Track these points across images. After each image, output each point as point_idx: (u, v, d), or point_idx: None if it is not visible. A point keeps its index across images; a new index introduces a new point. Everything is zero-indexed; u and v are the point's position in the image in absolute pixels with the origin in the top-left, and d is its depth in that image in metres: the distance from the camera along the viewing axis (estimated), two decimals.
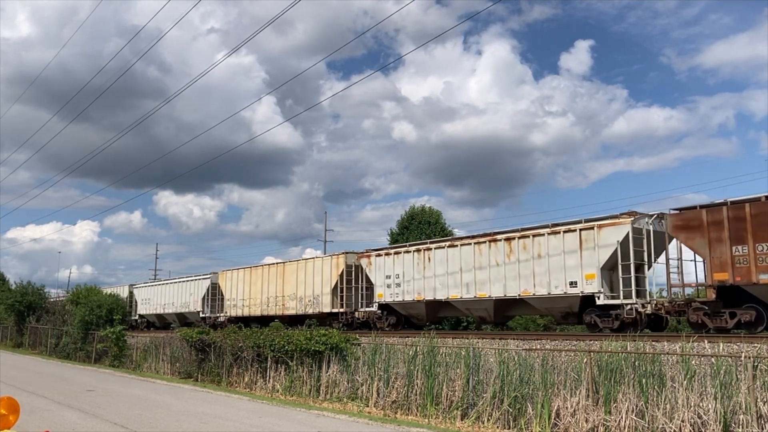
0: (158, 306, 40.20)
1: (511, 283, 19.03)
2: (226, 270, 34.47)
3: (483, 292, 19.80)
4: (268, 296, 30.01)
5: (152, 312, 40.88)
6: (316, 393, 15.40)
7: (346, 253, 26.51)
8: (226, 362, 18.85)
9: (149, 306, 41.39)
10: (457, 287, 20.65)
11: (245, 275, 32.17)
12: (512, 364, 11.96)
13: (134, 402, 14.33)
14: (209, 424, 11.40)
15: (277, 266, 30.33)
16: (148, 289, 42.66)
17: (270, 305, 29.90)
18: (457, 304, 21.13)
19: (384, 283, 23.68)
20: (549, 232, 18.27)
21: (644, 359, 10.34)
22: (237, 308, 32.20)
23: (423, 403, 12.88)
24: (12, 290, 43.03)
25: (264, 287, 30.49)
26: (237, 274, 32.92)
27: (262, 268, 31.48)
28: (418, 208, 47.40)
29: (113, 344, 26.00)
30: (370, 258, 24.63)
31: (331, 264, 26.76)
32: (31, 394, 15.15)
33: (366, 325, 24.73)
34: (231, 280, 33.23)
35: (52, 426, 10.61)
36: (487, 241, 19.98)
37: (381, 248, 25.08)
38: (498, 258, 19.54)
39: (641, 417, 9.69)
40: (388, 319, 23.89)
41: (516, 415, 11.29)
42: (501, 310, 20.44)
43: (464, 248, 20.65)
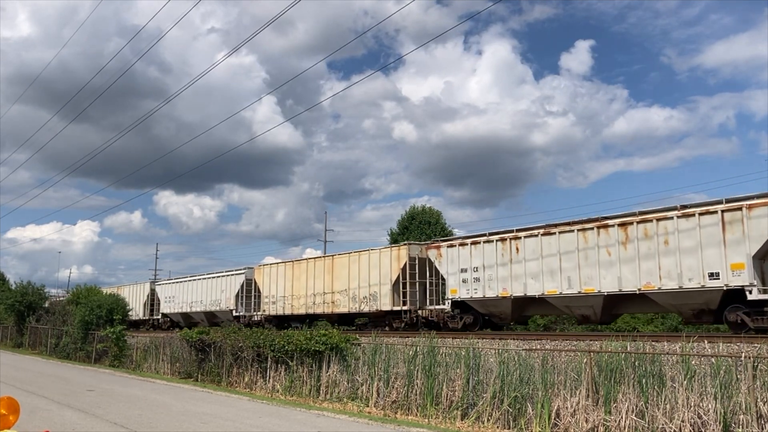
0: (184, 304, 37.70)
1: (629, 275, 16.66)
2: (263, 264, 32.27)
3: (590, 287, 17.46)
4: (314, 293, 27.66)
5: (177, 311, 38.49)
6: (316, 393, 15.40)
7: (409, 244, 24.39)
8: (226, 362, 18.85)
9: (174, 304, 38.93)
10: (555, 281, 18.30)
11: (286, 270, 29.76)
12: (512, 364, 11.96)
13: (134, 402, 14.33)
14: (209, 424, 11.40)
15: (324, 260, 28.10)
16: (172, 286, 39.94)
17: (316, 303, 27.54)
18: (554, 301, 18.73)
19: (458, 278, 21.11)
20: (679, 215, 15.96)
21: (644, 359, 10.34)
22: (276, 306, 29.84)
23: (423, 403, 12.88)
24: (12, 290, 43.02)
25: (309, 283, 28.02)
26: (277, 269, 30.52)
27: (306, 262, 28.90)
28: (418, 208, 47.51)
29: (113, 344, 25.99)
30: (440, 249, 22.04)
31: (391, 256, 24.19)
32: (31, 394, 15.15)
33: (431, 324, 22.49)
34: (269, 275, 30.71)
35: (52, 426, 10.61)
36: (594, 227, 17.61)
37: (454, 238, 22.62)
38: (610, 246, 17.15)
39: (641, 417, 9.69)
40: (462, 319, 21.32)
41: (516, 415, 11.29)
42: (611, 307, 18.08)
43: (564, 236, 18.27)
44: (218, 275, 35.36)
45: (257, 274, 31.86)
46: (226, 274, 34.66)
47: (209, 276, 36.41)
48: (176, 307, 38.59)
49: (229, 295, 33.87)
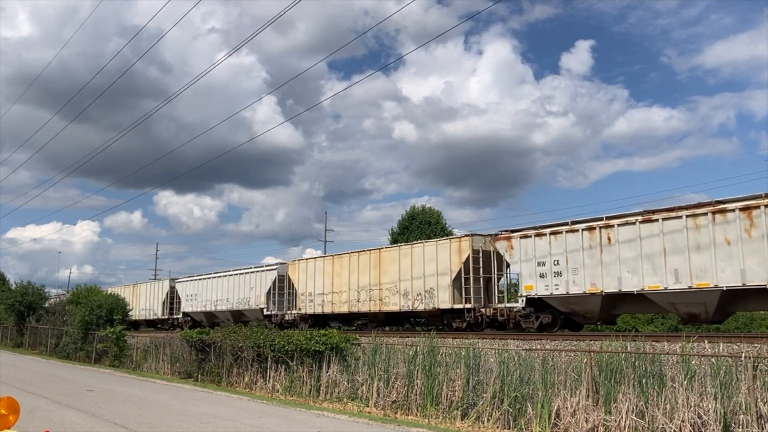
0: (208, 303, 35.53)
1: (756, 268, 14.70)
2: (299, 259, 30.08)
3: (704, 281, 15.55)
4: (359, 289, 25.47)
5: (200, 309, 36.50)
6: (316, 393, 15.40)
7: (472, 235, 21.96)
8: (226, 362, 18.85)
9: (196, 303, 36.82)
10: (659, 275, 16.37)
11: (325, 265, 27.60)
12: (512, 364, 11.95)
13: (134, 402, 14.33)
14: (209, 424, 11.40)
15: (371, 253, 25.56)
16: (194, 283, 37.70)
17: (361, 300, 25.31)
18: (656, 298, 16.86)
19: (534, 272, 19.15)
20: None
21: (644, 359, 10.34)
22: (314, 304, 27.73)
23: (423, 403, 12.88)
24: (12, 290, 43.01)
25: (352, 278, 25.83)
26: (314, 264, 28.33)
27: (349, 256, 26.71)
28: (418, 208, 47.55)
29: (113, 344, 25.99)
30: (512, 240, 20.05)
31: (451, 249, 22.12)
32: (31, 394, 15.15)
33: (497, 324, 20.67)
34: (306, 271, 28.49)
35: (52, 426, 10.61)
36: (708, 212, 15.65)
37: (528, 228, 20.27)
38: (729, 234, 15.19)
39: (641, 417, 9.69)
40: (539, 318, 19.29)
41: (516, 415, 11.28)
42: (727, 304, 16.15)
43: (668, 223, 16.32)
44: (248, 271, 33.19)
45: (291, 270, 29.80)
46: (257, 270, 32.67)
47: (237, 272, 34.04)
48: (199, 305, 36.59)
49: (259, 293, 31.78)
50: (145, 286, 44.03)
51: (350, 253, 26.79)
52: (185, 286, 38.69)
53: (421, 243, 23.83)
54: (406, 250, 23.99)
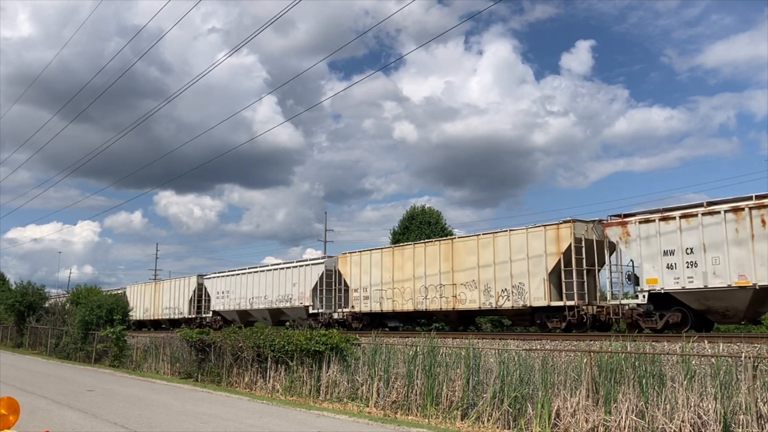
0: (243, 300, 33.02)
1: None
2: (350, 252, 27.27)
3: None
4: (426, 285, 22.87)
5: (232, 308, 34.06)
6: (316, 393, 15.40)
7: (574, 221, 19.17)
8: (226, 362, 18.85)
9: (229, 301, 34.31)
10: None
11: (384, 257, 24.87)
12: (512, 365, 11.95)
13: (134, 402, 14.33)
14: (209, 424, 11.39)
15: (441, 244, 23.03)
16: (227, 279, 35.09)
17: (429, 297, 22.71)
18: None
19: (660, 263, 16.67)
20: None
21: (644, 359, 10.34)
22: (370, 302, 25.06)
23: (423, 403, 12.87)
24: (12, 290, 43.00)
25: (419, 272, 23.22)
26: (370, 257, 25.63)
27: (413, 247, 24.15)
28: (418, 208, 47.54)
29: (113, 344, 25.98)
30: (628, 226, 17.54)
31: (546, 238, 19.54)
32: (31, 394, 15.15)
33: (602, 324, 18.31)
34: (360, 264, 25.86)
35: (52, 426, 10.61)
36: None
37: (650, 211, 17.64)
38: None
39: (641, 417, 9.69)
40: (664, 316, 16.90)
41: (516, 415, 11.28)
42: None
43: None
44: (290, 266, 30.59)
45: (342, 264, 27.07)
46: (300, 264, 30.02)
47: (278, 267, 31.54)
48: (231, 303, 34.00)
49: (303, 290, 28.96)
50: (169, 283, 41.87)
51: (415, 244, 24.38)
52: (216, 283, 36.01)
53: (505, 231, 21.01)
54: (487, 240, 21.28)
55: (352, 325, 25.84)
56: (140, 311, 43.79)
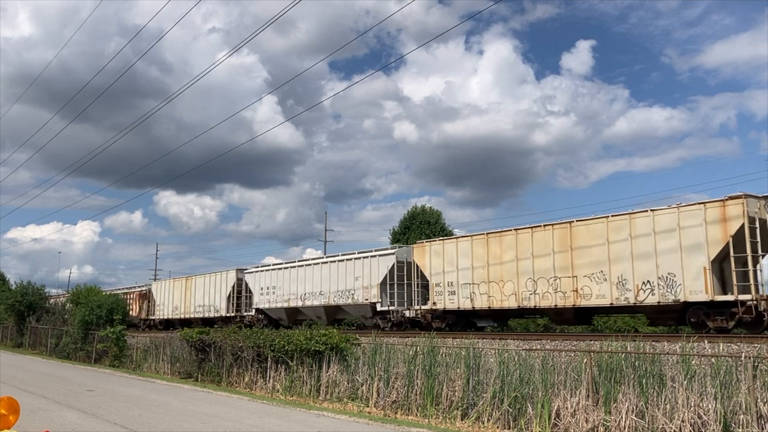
0: (292, 297, 30.01)
1: None
2: (429, 241, 24.49)
3: None
4: (534, 277, 19.81)
5: (280, 305, 30.83)
6: (316, 393, 15.40)
7: (745, 197, 15.70)
8: (226, 362, 18.85)
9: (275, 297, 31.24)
10: None
11: (474, 246, 21.79)
12: (512, 364, 11.95)
13: (134, 402, 14.33)
14: (209, 424, 11.40)
15: (553, 229, 19.57)
16: (272, 274, 31.92)
17: (539, 291, 19.63)
18: None
19: None
20: None
21: (644, 359, 10.34)
22: (457, 297, 22.01)
23: (423, 403, 12.88)
24: (12, 290, 43.01)
25: (523, 263, 20.12)
26: (456, 246, 22.54)
27: (515, 234, 20.68)
28: (418, 209, 47.57)
29: (113, 344, 26.00)
30: None
31: (706, 217, 16.24)
32: (31, 394, 15.15)
33: None
34: (442, 254, 22.84)
35: (52, 426, 10.61)
36: None
37: None
38: None
39: (641, 417, 9.69)
40: None
41: (516, 415, 11.29)
42: None
43: None
44: (352, 257, 27.36)
45: (419, 254, 23.88)
46: (365, 255, 26.62)
47: (338, 258, 28.42)
48: (279, 300, 30.88)
49: (368, 284, 25.87)
50: (202, 279, 38.10)
51: (518, 230, 20.75)
52: (259, 278, 32.67)
53: (645, 212, 17.71)
54: (621, 222, 18.04)
55: (432, 324, 22.86)
56: (168, 310, 41.41)
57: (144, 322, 44.22)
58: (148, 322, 43.77)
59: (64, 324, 31.79)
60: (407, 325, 23.89)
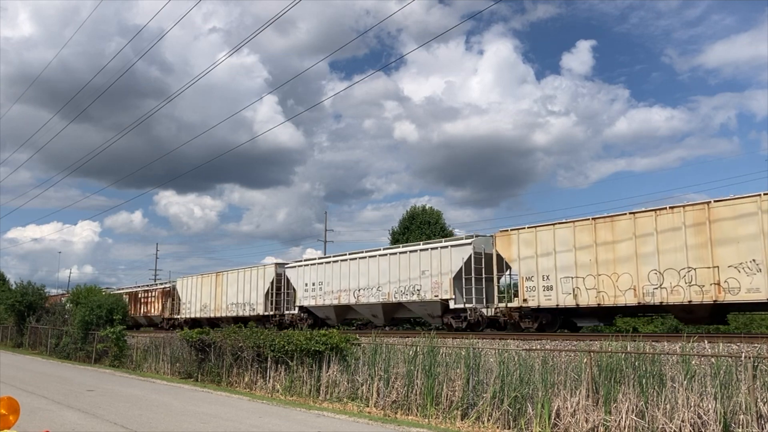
0: (342, 293, 27.00)
1: None
2: (516, 229, 20.59)
3: None
4: (660, 269, 16.86)
5: (328, 302, 27.85)
6: (316, 393, 15.40)
7: None
8: (226, 362, 18.86)
9: (322, 294, 28.30)
10: None
11: (576, 234, 18.65)
12: (512, 364, 11.95)
13: (134, 402, 14.33)
14: (209, 424, 11.40)
15: (684, 211, 16.61)
16: (318, 268, 28.83)
17: (667, 285, 16.71)
18: None
19: None
20: None
21: (644, 359, 10.34)
22: (555, 293, 18.98)
23: (423, 403, 12.88)
24: (12, 290, 43.02)
25: (644, 252, 17.21)
26: (552, 234, 19.31)
27: (633, 219, 17.67)
28: (418, 209, 47.54)
29: (113, 344, 26.01)
30: None
31: None
32: (31, 394, 15.15)
33: None
34: (534, 244, 19.77)
35: (52, 426, 10.61)
36: None
37: None
38: None
39: (641, 417, 9.69)
40: None
41: (516, 415, 11.29)
42: None
43: None
44: (417, 248, 24.37)
45: (504, 244, 20.79)
46: (434, 245, 23.66)
47: (399, 250, 25.20)
48: (327, 297, 27.98)
49: (438, 278, 22.78)
50: (235, 275, 34.94)
51: (635, 215, 17.73)
52: (302, 273, 29.82)
53: None
54: None
55: (519, 324, 20.17)
56: (195, 308, 38.14)
57: (167, 322, 40.82)
58: (172, 322, 40.17)
59: (64, 324, 31.79)
60: (482, 326, 21.33)
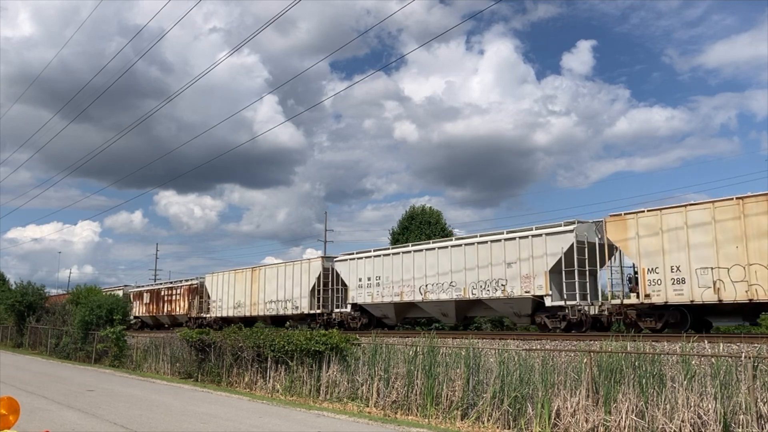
0: (405, 289, 24.08)
1: None
2: (637, 212, 17.39)
3: None
4: None
5: (387, 299, 24.84)
6: (316, 393, 15.40)
7: None
8: (226, 362, 18.86)
9: (379, 290, 25.27)
10: None
11: (720, 215, 15.52)
12: (512, 364, 11.95)
13: (134, 402, 14.33)
14: (209, 424, 11.40)
15: None
16: (375, 261, 25.69)
17: None
18: None
19: None
20: None
21: (644, 359, 10.34)
22: (689, 286, 15.99)
23: (423, 403, 12.88)
24: (12, 290, 43.01)
25: None
26: (687, 218, 16.16)
27: None
28: (418, 209, 47.48)
29: (113, 344, 26.01)
30: None
31: None
32: (31, 394, 15.15)
33: None
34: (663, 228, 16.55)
35: (52, 426, 10.61)
36: None
37: None
38: None
39: (641, 417, 9.69)
40: None
41: (516, 415, 11.29)
42: None
43: None
44: (500, 237, 21.11)
45: (617, 230, 17.65)
46: (522, 234, 20.52)
47: (476, 240, 22.05)
48: (386, 293, 24.96)
49: (530, 272, 19.88)
50: (275, 270, 31.56)
51: None
52: (356, 266, 26.56)
53: None
54: None
55: (638, 324, 17.42)
56: (227, 306, 35.11)
57: (194, 322, 37.39)
58: (200, 321, 36.83)
59: (64, 324, 31.79)
60: (584, 326, 18.88)
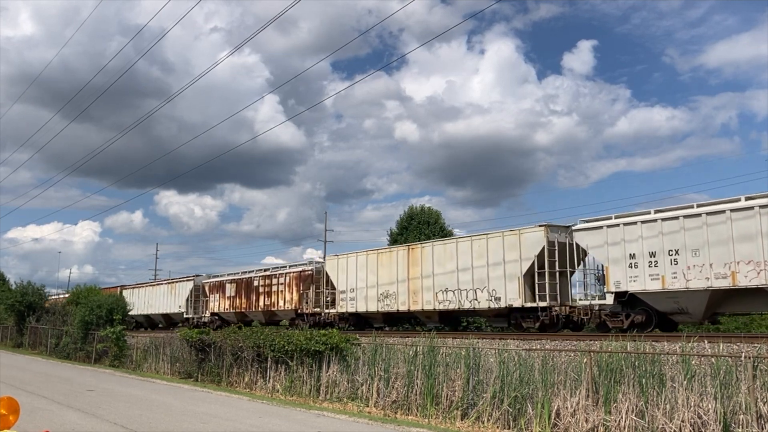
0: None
1: None
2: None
3: None
4: None
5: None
6: (316, 393, 15.40)
7: None
8: (226, 362, 18.85)
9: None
10: None
11: None
12: (512, 364, 11.95)
13: (134, 402, 14.33)
14: (209, 424, 11.40)
15: None
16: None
17: None
18: None
19: None
20: None
21: (644, 359, 10.34)
22: None
23: (423, 403, 12.88)
24: (12, 290, 42.99)
25: None
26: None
27: None
28: (417, 208, 47.49)
29: (113, 344, 26.00)
30: None
31: None
32: (31, 394, 15.15)
33: None
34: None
35: (52, 426, 10.61)
36: None
37: None
38: None
39: (641, 417, 9.69)
40: None
41: (516, 415, 11.29)
42: None
43: None
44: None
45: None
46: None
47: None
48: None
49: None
50: (448, 246, 22.66)
51: None
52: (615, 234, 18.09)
53: None
54: None
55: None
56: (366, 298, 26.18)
57: (311, 319, 28.96)
58: (318, 319, 28.54)
59: (64, 324, 31.78)
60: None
